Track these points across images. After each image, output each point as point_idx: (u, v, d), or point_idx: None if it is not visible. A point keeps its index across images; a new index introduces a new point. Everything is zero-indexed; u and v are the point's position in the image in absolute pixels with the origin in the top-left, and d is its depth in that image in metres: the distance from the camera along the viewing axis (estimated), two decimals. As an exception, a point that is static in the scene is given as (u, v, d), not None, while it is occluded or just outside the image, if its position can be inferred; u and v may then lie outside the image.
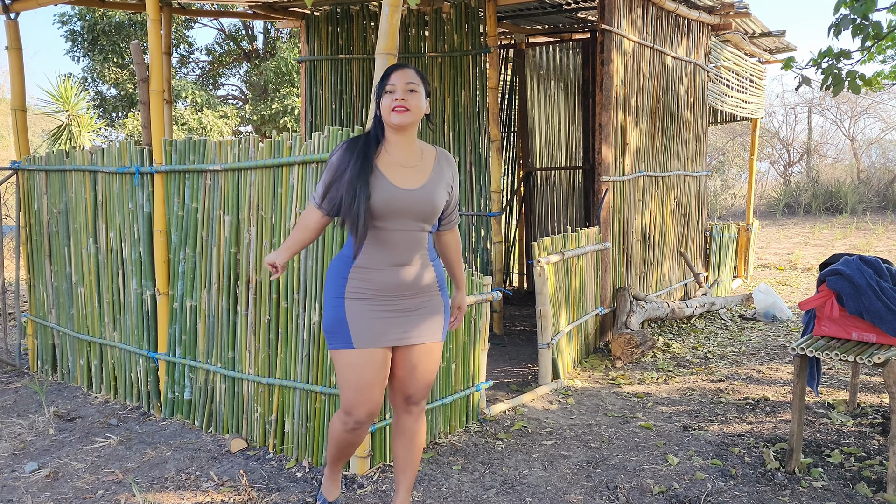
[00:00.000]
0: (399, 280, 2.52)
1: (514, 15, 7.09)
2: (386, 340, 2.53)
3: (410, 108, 2.46)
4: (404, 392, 2.67)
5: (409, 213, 2.48)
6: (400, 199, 2.45)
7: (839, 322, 3.43)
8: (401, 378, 2.64)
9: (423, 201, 2.48)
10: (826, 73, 4.20)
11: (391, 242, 2.49)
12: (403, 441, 2.73)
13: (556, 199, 7.92)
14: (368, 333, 2.50)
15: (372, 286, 2.51)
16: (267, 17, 6.92)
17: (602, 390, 4.65)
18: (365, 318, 2.50)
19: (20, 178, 5.03)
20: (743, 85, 8.30)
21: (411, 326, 2.56)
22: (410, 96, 2.47)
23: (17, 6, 4.92)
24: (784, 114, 24.51)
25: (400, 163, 2.51)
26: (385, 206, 2.44)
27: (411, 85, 2.47)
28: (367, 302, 2.51)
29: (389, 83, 2.48)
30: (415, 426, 2.72)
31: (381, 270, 2.50)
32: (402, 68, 2.51)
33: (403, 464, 2.76)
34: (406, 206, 2.46)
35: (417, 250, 2.55)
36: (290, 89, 14.32)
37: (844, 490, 3.14)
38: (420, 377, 2.64)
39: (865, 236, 13.43)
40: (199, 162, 3.79)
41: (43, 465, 3.46)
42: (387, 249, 2.50)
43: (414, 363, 2.61)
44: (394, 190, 2.45)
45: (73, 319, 4.65)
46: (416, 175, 2.51)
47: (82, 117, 12.41)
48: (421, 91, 2.50)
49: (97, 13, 13.69)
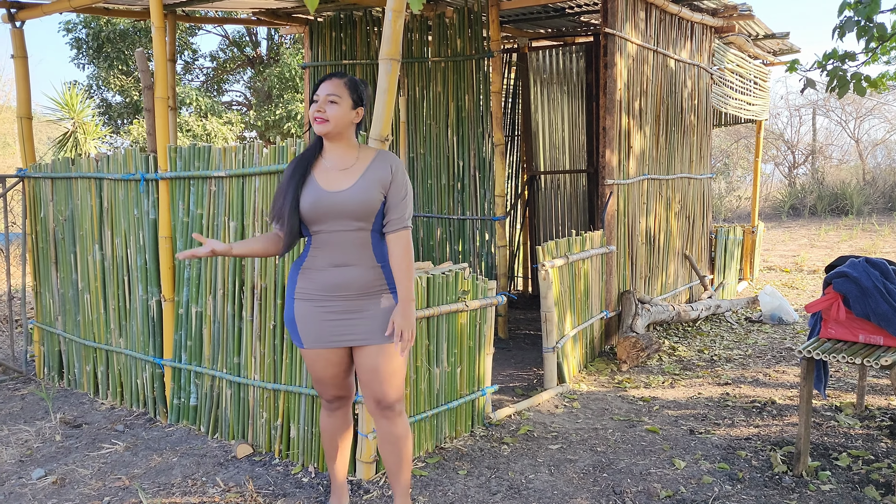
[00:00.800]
0: (339, 280, 2.59)
1: (517, 19, 7.10)
2: (330, 341, 2.62)
3: (328, 119, 2.57)
4: (372, 395, 2.68)
5: (340, 214, 2.56)
6: (327, 201, 2.55)
7: (846, 324, 3.41)
8: (365, 382, 2.67)
9: (350, 201, 2.55)
10: (831, 76, 4.20)
11: (331, 244, 2.59)
12: (387, 446, 2.74)
13: (561, 202, 7.92)
14: (313, 333, 2.63)
15: (315, 286, 2.61)
16: (270, 24, 6.94)
17: (608, 394, 4.63)
18: (310, 318, 2.62)
19: (26, 185, 5.05)
20: (747, 87, 8.29)
21: (356, 327, 2.61)
22: (329, 107, 2.57)
23: (23, 15, 4.95)
24: (788, 115, 24.50)
25: (334, 167, 2.62)
26: (312, 208, 2.56)
27: (332, 96, 2.57)
28: (311, 302, 2.62)
29: (315, 94, 2.61)
30: (395, 430, 2.72)
31: (322, 271, 2.60)
32: (330, 79, 2.61)
33: (394, 469, 2.76)
34: (333, 206, 2.55)
35: (359, 251, 2.59)
36: (294, 95, 14.36)
37: (853, 493, 3.13)
38: (383, 380, 2.64)
39: (871, 238, 13.38)
40: (204, 168, 3.80)
41: (50, 471, 3.47)
42: (327, 251, 2.60)
43: (372, 366, 2.63)
44: (320, 192, 2.56)
45: (80, 326, 4.66)
46: (346, 177, 2.60)
47: (88, 124, 12.46)
48: (343, 102, 2.58)
49: (102, 21, 13.75)
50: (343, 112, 2.59)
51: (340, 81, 2.60)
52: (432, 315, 3.52)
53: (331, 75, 2.64)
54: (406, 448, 2.75)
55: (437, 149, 6.37)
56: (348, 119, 2.61)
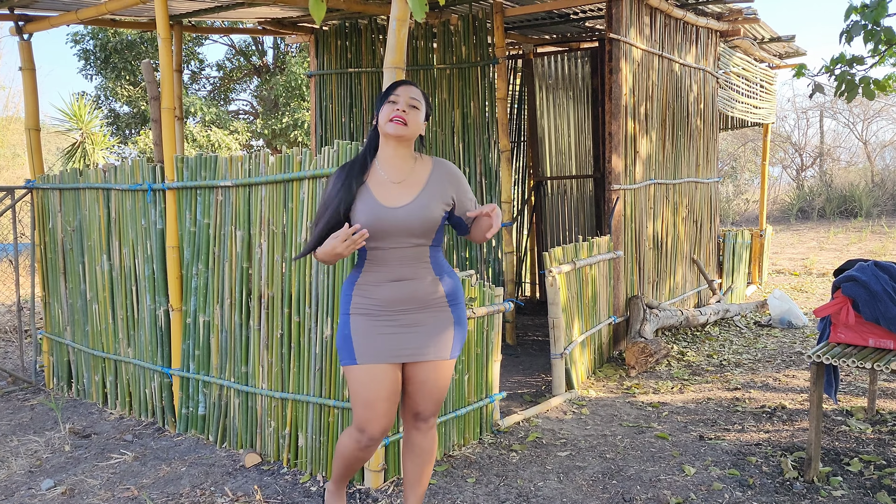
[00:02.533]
0: (399, 295, 2.50)
1: (521, 25, 7.11)
2: (389, 356, 2.51)
3: (408, 123, 2.47)
4: (413, 408, 2.65)
5: (399, 231, 2.46)
6: (386, 218, 2.44)
7: (855, 329, 3.39)
8: (410, 394, 2.62)
9: (411, 218, 2.45)
10: (839, 80, 4.18)
11: (387, 260, 2.49)
12: (413, 457, 2.71)
13: (567, 208, 7.91)
14: (370, 349, 2.50)
15: (373, 301, 2.51)
16: (276, 33, 6.98)
17: (616, 400, 4.61)
18: (368, 333, 2.50)
19: (35, 196, 5.08)
20: (753, 90, 8.26)
21: (416, 342, 2.53)
22: (411, 111, 2.48)
23: (31, 27, 4.99)
24: (796, 118, 24.41)
25: (391, 179, 2.50)
26: (370, 225, 2.43)
27: (414, 101, 2.49)
28: (370, 318, 2.51)
29: (394, 94, 2.50)
30: (424, 443, 2.69)
31: (380, 286, 2.50)
32: (409, 85, 2.53)
33: (413, 480, 2.74)
34: (393, 224, 2.44)
35: (417, 265, 2.51)
36: (300, 103, 14.42)
37: (864, 499, 3.10)
38: (429, 394, 2.60)
39: (881, 240, 13.30)
40: (211, 178, 3.81)
41: (59, 482, 3.48)
42: (384, 266, 2.50)
43: (422, 380, 2.57)
44: (380, 209, 2.45)
45: (88, 336, 4.68)
46: (405, 191, 2.49)
47: (96, 135, 12.55)
48: (422, 110, 2.52)
49: (109, 32, 13.85)
50: (420, 120, 2.51)
51: (419, 90, 2.53)
52: (439, 322, 3.51)
53: (406, 81, 2.54)
54: (431, 461, 2.73)
55: (443, 156, 6.37)
56: (421, 129, 2.53)
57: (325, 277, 3.32)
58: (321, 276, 3.33)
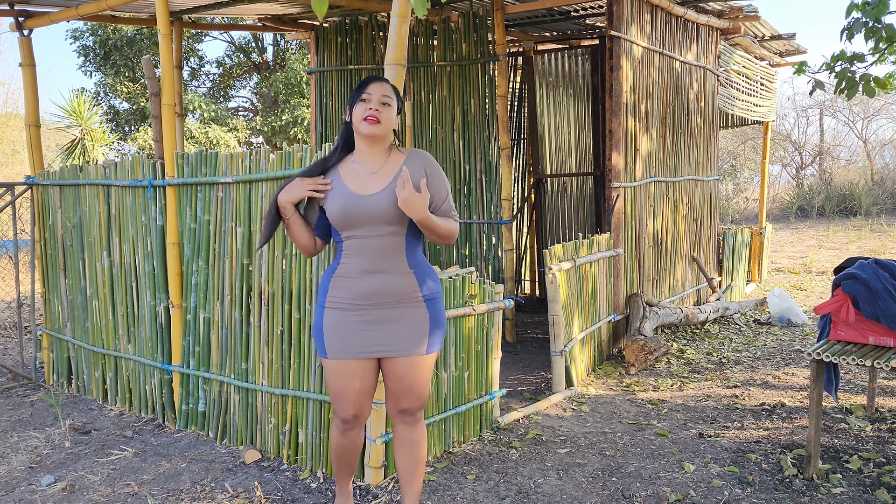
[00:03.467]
0: (372, 288, 2.52)
1: (522, 22, 7.10)
2: (360, 353, 2.54)
3: (381, 121, 2.49)
4: (396, 405, 2.67)
5: (372, 219, 2.49)
6: (358, 205, 2.48)
7: (855, 326, 3.39)
8: (392, 390, 2.65)
9: (383, 204, 2.48)
10: (840, 77, 4.18)
11: (363, 249, 2.52)
12: (404, 451, 2.74)
13: (567, 205, 7.91)
14: (340, 344, 2.54)
15: (347, 295, 2.54)
16: (276, 30, 6.97)
17: (616, 397, 4.62)
18: (340, 329, 2.54)
19: (35, 192, 5.08)
20: (753, 88, 8.26)
21: (390, 339, 2.54)
22: (384, 109, 2.50)
23: (31, 23, 4.98)
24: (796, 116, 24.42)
25: (364, 170, 2.55)
26: (342, 212, 2.49)
27: (386, 98, 2.51)
28: (344, 311, 2.54)
29: (366, 92, 2.51)
30: (413, 437, 2.71)
31: (355, 279, 2.53)
32: (380, 82, 2.54)
33: (407, 475, 2.75)
34: (365, 211, 2.49)
35: (393, 256, 2.53)
36: (300, 100, 14.40)
37: (864, 497, 3.11)
38: (408, 391, 2.62)
39: (880, 238, 13.31)
40: (211, 174, 3.81)
41: (59, 478, 3.48)
42: (360, 257, 2.53)
43: (399, 376, 2.59)
44: (352, 197, 2.50)
45: (88, 332, 4.68)
46: (378, 180, 2.53)
47: (95, 131, 12.54)
48: (394, 106, 2.54)
49: (109, 28, 13.83)
50: (393, 116, 2.54)
51: (390, 86, 2.54)
52: (440, 319, 3.52)
53: (377, 77, 2.55)
54: (422, 453, 2.75)
55: (443, 153, 6.37)
56: (393, 125, 2.56)
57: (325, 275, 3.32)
58: (321, 273, 3.33)
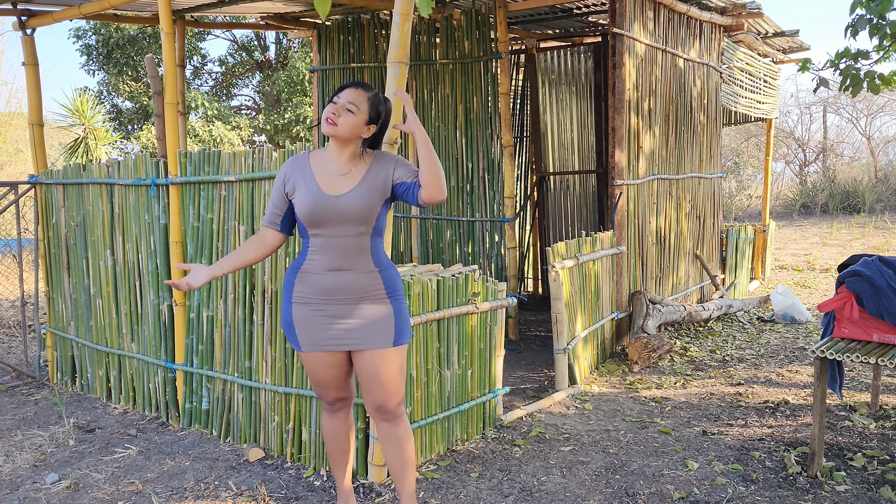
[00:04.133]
0: (334, 284, 2.60)
1: (524, 20, 7.09)
2: (326, 345, 2.64)
3: (338, 124, 2.56)
4: (371, 401, 2.69)
5: (339, 219, 2.57)
6: (326, 204, 2.56)
7: (859, 324, 3.39)
8: (364, 386, 2.68)
9: (351, 205, 2.56)
10: (844, 74, 4.17)
11: (329, 248, 2.60)
12: (390, 448, 2.75)
13: (570, 203, 7.90)
14: (310, 337, 2.64)
15: (311, 290, 2.62)
16: (279, 28, 6.97)
17: (619, 395, 4.62)
18: (308, 323, 2.63)
19: (38, 191, 5.09)
20: (757, 85, 8.24)
21: (353, 332, 2.62)
22: (344, 114, 2.56)
23: (33, 22, 4.98)
24: (799, 113, 24.36)
25: (335, 171, 2.63)
26: (311, 209, 2.56)
27: (351, 105, 2.56)
28: (308, 306, 2.63)
29: (337, 95, 2.60)
30: (396, 432, 2.72)
31: (319, 275, 2.61)
32: (355, 88, 2.60)
33: (397, 471, 2.76)
34: (333, 210, 2.56)
35: (357, 256, 2.60)
36: (303, 98, 14.40)
37: (868, 494, 3.10)
38: (379, 384, 2.65)
39: (884, 235, 13.28)
40: (214, 173, 3.82)
41: (63, 476, 3.49)
42: (325, 254, 2.60)
43: (369, 370, 2.64)
44: (322, 196, 2.57)
45: (92, 331, 4.69)
46: (347, 181, 2.61)
47: (98, 130, 12.54)
48: (360, 114, 2.57)
49: (111, 27, 13.84)
50: (356, 123, 2.58)
51: (364, 94, 2.60)
52: (443, 317, 3.52)
53: (357, 84, 2.62)
54: (408, 450, 2.75)
55: (445, 151, 6.37)
56: (358, 132, 2.60)
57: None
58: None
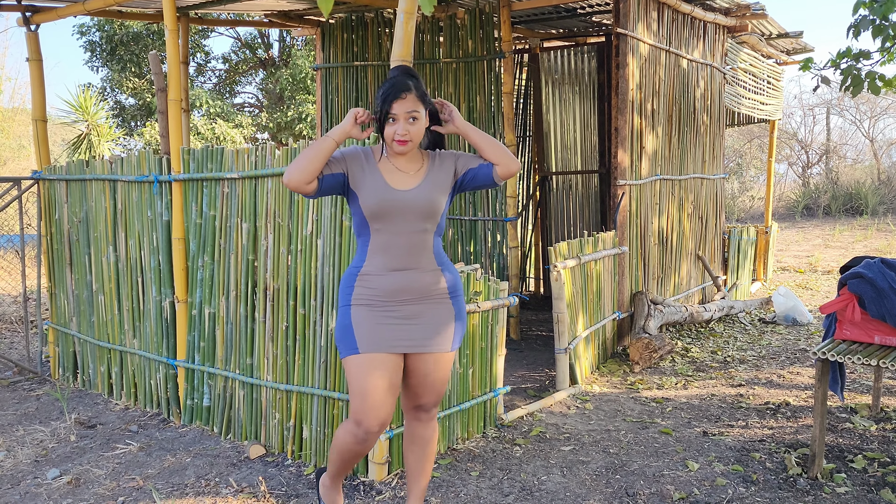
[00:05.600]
0: (400, 285, 2.52)
1: (528, 20, 7.09)
2: (391, 346, 2.51)
3: (412, 139, 2.49)
4: (415, 401, 2.67)
5: (406, 213, 2.51)
6: (394, 199, 2.50)
7: (861, 326, 3.38)
8: (412, 387, 2.64)
9: (417, 201, 2.51)
10: (845, 74, 4.16)
11: (392, 246, 2.52)
12: (415, 449, 2.73)
13: (572, 203, 7.90)
14: (373, 338, 2.50)
15: (375, 292, 2.52)
16: (283, 26, 6.97)
17: (620, 395, 4.62)
18: (370, 323, 2.51)
19: (41, 187, 5.09)
20: (760, 87, 8.23)
21: (418, 334, 2.55)
22: (412, 126, 2.47)
23: (38, 18, 4.99)
24: (802, 115, 24.29)
25: (399, 168, 2.57)
26: (379, 204, 2.49)
27: (413, 113, 2.46)
28: (371, 308, 2.52)
29: (392, 112, 2.45)
30: (426, 434, 2.72)
31: (382, 276, 2.52)
32: (403, 96, 2.44)
33: (416, 472, 2.75)
34: (401, 205, 2.50)
35: (421, 254, 2.55)
36: (306, 96, 14.40)
37: (868, 496, 3.10)
38: (431, 387, 2.63)
39: (887, 238, 13.26)
40: (217, 170, 3.82)
41: (65, 471, 3.49)
42: (388, 254, 2.52)
43: (424, 372, 2.59)
44: (388, 190, 2.51)
45: (94, 327, 4.69)
46: (412, 178, 2.56)
47: (101, 127, 12.54)
48: (422, 113, 2.49)
49: (115, 24, 13.85)
50: (423, 125, 2.52)
51: (414, 95, 2.46)
52: (444, 316, 3.52)
53: (400, 90, 2.44)
54: (432, 451, 2.74)
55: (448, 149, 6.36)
56: (424, 128, 2.54)
57: (330, 270, 3.32)
58: (326, 269, 3.34)
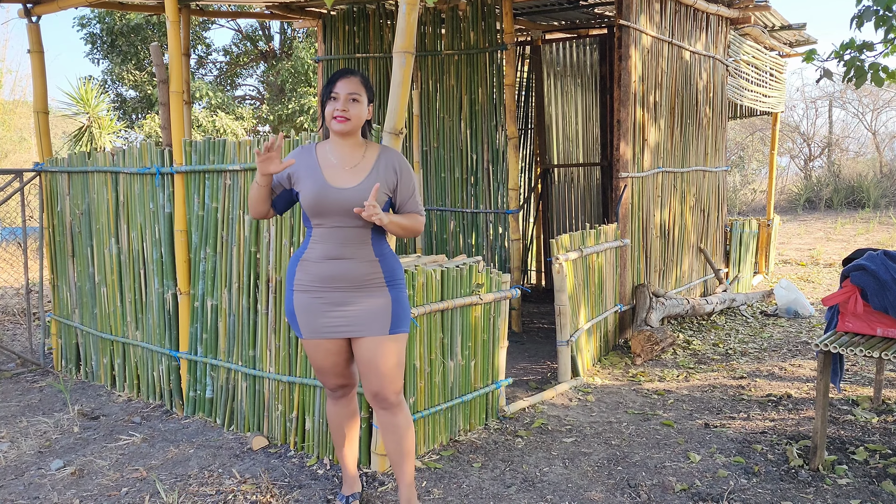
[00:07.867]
0: (334, 272, 2.62)
1: (530, 11, 7.06)
2: (327, 332, 2.66)
3: (350, 118, 2.60)
4: (369, 389, 2.71)
5: (342, 211, 2.58)
6: (331, 196, 2.57)
7: (863, 318, 3.38)
8: (362, 373, 2.71)
9: (354, 200, 2.57)
10: (848, 66, 4.15)
11: (331, 237, 2.62)
12: (389, 437, 2.77)
13: (574, 195, 7.89)
14: (311, 325, 2.67)
15: (311, 278, 2.64)
16: (284, 18, 6.95)
17: (622, 387, 4.62)
18: (307, 309, 2.66)
19: (43, 179, 5.09)
20: (762, 79, 8.21)
21: (352, 319, 2.64)
22: (352, 106, 2.60)
23: (38, 10, 4.98)
24: (804, 108, 24.23)
25: (340, 163, 2.64)
26: (315, 201, 2.58)
27: (354, 94, 2.60)
28: (308, 294, 2.65)
29: (334, 91, 2.60)
30: (395, 420, 2.74)
31: (318, 263, 2.64)
32: (348, 76, 2.61)
33: (397, 460, 2.78)
34: (337, 203, 2.57)
35: (358, 246, 2.63)
36: (307, 89, 14.38)
37: (870, 488, 3.11)
38: (375, 372, 2.66)
39: (889, 231, 13.25)
40: (219, 162, 3.82)
41: (68, 462, 3.51)
42: (327, 243, 2.63)
43: (366, 358, 2.66)
44: (327, 188, 2.59)
45: (97, 319, 4.70)
46: (353, 175, 2.62)
47: (102, 119, 12.53)
48: (363, 99, 2.63)
49: (116, 16, 13.82)
50: (362, 110, 2.64)
51: (358, 79, 2.63)
52: (446, 308, 3.53)
53: (346, 72, 2.64)
54: (408, 439, 2.76)
55: (450, 142, 6.36)
56: (364, 117, 2.66)
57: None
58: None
